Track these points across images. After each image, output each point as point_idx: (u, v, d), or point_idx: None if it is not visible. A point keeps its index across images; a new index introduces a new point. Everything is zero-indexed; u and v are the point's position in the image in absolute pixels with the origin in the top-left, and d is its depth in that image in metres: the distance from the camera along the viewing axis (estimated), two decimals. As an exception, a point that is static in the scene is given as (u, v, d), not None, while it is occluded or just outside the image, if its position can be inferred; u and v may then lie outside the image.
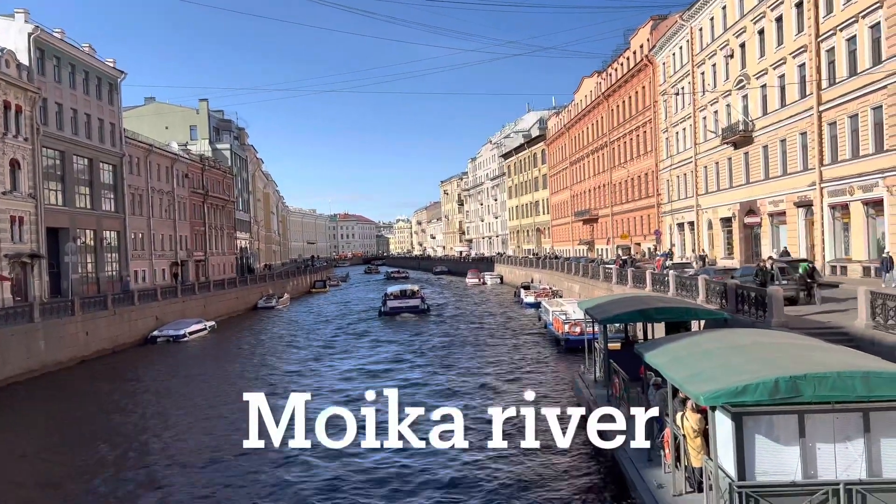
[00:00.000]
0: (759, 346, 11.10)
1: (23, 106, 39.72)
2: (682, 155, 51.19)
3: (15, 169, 39.02)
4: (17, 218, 38.88)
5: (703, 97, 46.53)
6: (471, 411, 21.40)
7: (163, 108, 78.23)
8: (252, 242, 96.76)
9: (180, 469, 16.97)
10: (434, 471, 15.95)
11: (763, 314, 18.80)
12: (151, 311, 42.93)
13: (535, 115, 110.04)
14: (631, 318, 18.97)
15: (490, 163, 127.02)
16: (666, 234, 54.79)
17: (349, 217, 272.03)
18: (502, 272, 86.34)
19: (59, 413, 24.35)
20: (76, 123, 46.27)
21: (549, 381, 25.84)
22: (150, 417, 23.26)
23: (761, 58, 38.51)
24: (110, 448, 19.26)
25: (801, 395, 8.61)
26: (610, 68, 67.98)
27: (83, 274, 46.67)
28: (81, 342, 34.68)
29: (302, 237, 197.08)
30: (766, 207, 38.84)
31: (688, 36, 48.86)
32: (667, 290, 28.06)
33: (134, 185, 54.67)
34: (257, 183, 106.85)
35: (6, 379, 28.20)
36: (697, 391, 9.06)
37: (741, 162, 41.66)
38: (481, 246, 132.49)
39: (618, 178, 65.83)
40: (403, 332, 42.92)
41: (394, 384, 26.39)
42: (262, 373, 30.85)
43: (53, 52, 43.91)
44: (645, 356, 12.31)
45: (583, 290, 45.37)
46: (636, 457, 13.13)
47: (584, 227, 76.31)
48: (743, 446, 8.86)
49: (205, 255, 70.52)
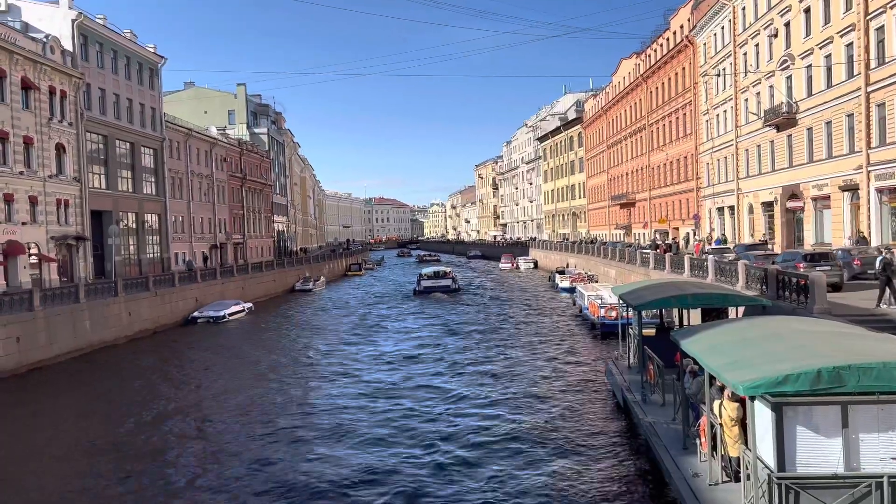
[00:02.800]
0: (801, 333, 10.84)
1: (67, 91, 40.64)
2: (722, 138, 50.10)
3: (60, 153, 40.03)
4: (63, 201, 39.94)
5: (745, 78, 45.36)
6: (506, 395, 21.51)
7: (202, 93, 79.25)
8: (289, 226, 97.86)
9: (219, 448, 17.35)
10: (466, 453, 16.03)
11: (805, 301, 18.38)
12: (191, 293, 43.81)
13: (572, 98, 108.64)
14: (666, 304, 18.68)
15: (525, 146, 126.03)
16: (705, 218, 53.81)
17: (384, 201, 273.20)
18: (537, 257, 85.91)
19: (105, 390, 25.09)
20: (118, 108, 47.20)
21: (584, 365, 25.71)
22: (190, 395, 23.82)
23: (807, 37, 37.34)
24: (151, 423, 19.79)
25: (845, 386, 8.39)
26: (649, 49, 66.68)
27: (126, 256, 47.82)
28: (125, 322, 35.60)
29: (338, 221, 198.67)
30: (809, 192, 37.84)
31: (730, 15, 47.60)
32: (706, 276, 27.62)
33: (174, 168, 55.65)
34: (294, 167, 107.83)
35: (55, 357, 29.15)
36: (736, 380, 8.89)
37: (784, 145, 40.60)
38: (516, 230, 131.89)
39: (656, 161, 64.77)
40: (438, 314, 43.13)
41: (431, 367, 26.67)
42: (302, 354, 31.30)
43: (96, 38, 44.76)
44: (681, 343, 12.14)
45: (619, 276, 44.90)
46: (671, 444, 13.02)
47: (620, 211, 75.39)
48: (783, 437, 8.68)
49: (243, 238, 71.61)
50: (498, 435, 17.36)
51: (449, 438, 17.29)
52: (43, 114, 38.25)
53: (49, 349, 29.01)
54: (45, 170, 38.19)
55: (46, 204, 38.14)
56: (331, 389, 23.55)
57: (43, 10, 41.91)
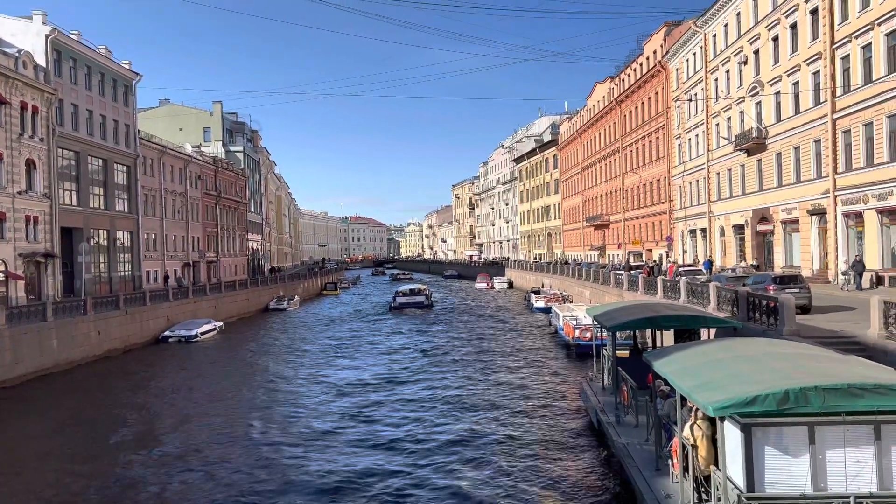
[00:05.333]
0: (769, 355, 11.00)
1: (39, 107, 40.12)
2: (694, 161, 50.96)
3: (31, 169, 39.41)
4: (32, 217, 39.25)
5: (717, 104, 46.32)
6: (476, 417, 21.44)
7: (177, 110, 78.72)
8: (264, 244, 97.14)
9: (190, 465, 17.04)
10: (436, 477, 15.93)
11: (775, 322, 18.66)
12: (163, 312, 43.19)
13: (548, 120, 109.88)
14: (639, 326, 18.86)
15: (502, 167, 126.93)
16: (678, 240, 54.53)
17: (360, 220, 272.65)
18: (513, 277, 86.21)
19: (71, 410, 24.51)
20: (91, 124, 46.69)
21: (559, 386, 25.75)
22: (161, 415, 23.37)
23: (775, 65, 38.31)
24: (120, 444, 19.37)
25: (811, 406, 8.52)
26: (623, 74, 67.82)
27: (96, 274, 47.05)
28: (94, 341, 34.94)
29: (314, 239, 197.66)
30: (779, 215, 38.59)
31: (701, 42, 48.68)
32: (678, 297, 27.93)
33: (147, 185, 55.06)
34: (270, 185, 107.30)
35: (20, 377, 28.47)
36: (706, 401, 8.99)
37: (754, 169, 41.42)
38: (492, 250, 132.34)
39: (630, 183, 65.61)
40: (412, 333, 42.97)
41: (404, 388, 26.49)
42: (272, 372, 30.93)
43: (70, 53, 44.35)
44: (653, 364, 12.24)
45: (594, 296, 45.20)
46: (644, 465, 13.07)
47: (595, 232, 76.09)
48: (752, 457, 8.77)
49: (217, 257, 70.88)
50: (469, 456, 17.28)
51: (419, 459, 17.17)
52: (14, 129, 37.68)
53: (14, 369, 28.32)
54: (15, 186, 37.54)
55: (15, 220, 37.43)
56: (304, 410, 23.28)
57: (16, 25, 41.45)
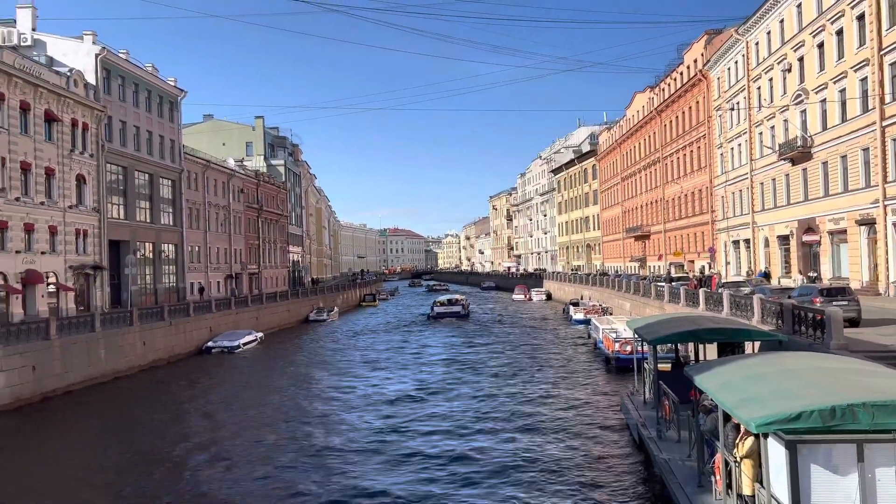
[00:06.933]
0: (816, 370, 10.71)
1: (89, 123, 41.48)
2: (737, 171, 50.08)
3: (81, 184, 40.72)
4: (82, 231, 40.49)
5: (760, 112, 45.48)
6: (514, 430, 21.29)
7: (220, 125, 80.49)
8: (304, 256, 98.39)
9: (235, 474, 17.28)
10: (475, 490, 15.86)
11: (822, 336, 18.15)
12: (206, 323, 44.01)
13: (587, 131, 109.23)
14: (681, 339, 18.53)
15: (540, 178, 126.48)
16: (720, 251, 53.55)
17: (398, 232, 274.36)
18: (551, 288, 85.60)
19: (119, 419, 25.12)
20: (138, 140, 48.05)
21: (598, 400, 25.43)
22: (205, 426, 23.77)
23: (821, 72, 37.49)
24: (159, 459, 19.75)
25: (860, 423, 8.26)
26: (663, 83, 67.12)
27: (142, 285, 48.24)
28: (139, 352, 35.77)
29: (352, 251, 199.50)
30: (825, 225, 37.62)
31: (743, 50, 47.93)
32: (721, 310, 27.38)
33: (191, 199, 56.34)
34: (310, 198, 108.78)
35: (69, 386, 29.27)
36: (749, 416, 8.79)
37: (799, 178, 40.50)
38: (530, 261, 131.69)
39: (671, 194, 64.73)
40: (450, 346, 42.93)
41: (443, 400, 26.46)
42: (314, 383, 31.23)
43: (119, 71, 45.78)
44: (695, 379, 12.01)
45: (634, 308, 44.61)
46: (686, 482, 12.83)
47: (635, 243, 75.18)
48: (797, 475, 8.53)
49: (258, 268, 72.04)
50: (507, 469, 17.17)
51: (462, 472, 17.13)
52: (65, 145, 39.01)
53: (64, 378, 29.15)
54: (66, 200, 38.81)
55: (66, 234, 38.67)
56: (345, 423, 23.43)
57: (67, 45, 43.00)
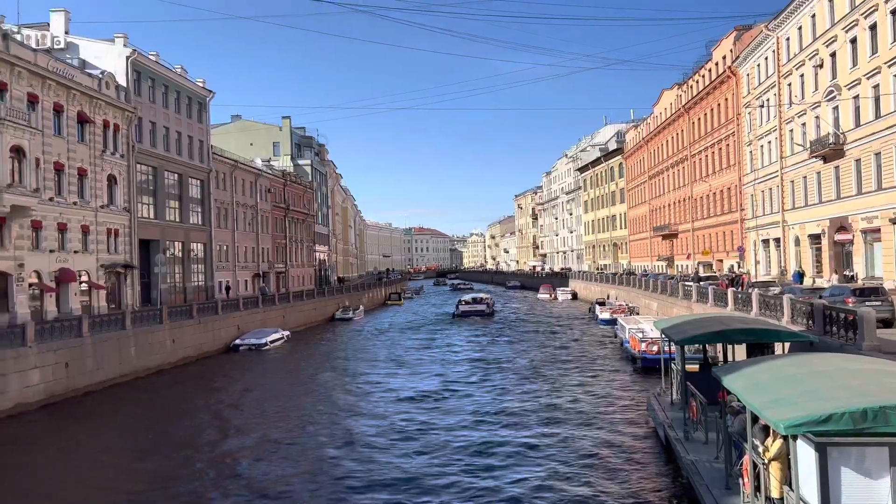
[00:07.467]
0: (847, 371, 10.52)
1: (120, 124, 42.19)
2: (767, 169, 49.30)
3: (112, 184, 41.44)
4: (113, 230, 41.21)
5: (790, 109, 44.71)
6: (539, 430, 21.22)
7: (248, 126, 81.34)
8: (330, 255, 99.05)
9: (272, 464, 17.48)
10: (501, 489, 15.84)
11: (854, 337, 17.82)
12: (234, 321, 44.52)
13: (613, 129, 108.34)
14: (709, 340, 18.33)
15: (565, 177, 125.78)
16: (750, 250, 52.78)
17: (423, 231, 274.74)
18: (576, 287, 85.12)
19: (148, 415, 25.54)
20: (168, 140, 48.76)
21: (624, 400, 25.24)
22: (234, 421, 24.05)
23: (853, 67, 36.74)
24: (195, 450, 20.05)
25: (893, 426, 8.10)
26: (691, 80, 66.32)
27: (171, 284, 48.93)
28: (168, 349, 36.30)
29: (378, 250, 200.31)
30: (858, 224, 36.87)
31: (774, 46, 47.15)
32: (749, 310, 27.01)
33: (220, 199, 57.01)
34: (336, 197, 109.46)
35: (101, 383, 29.82)
36: (777, 418, 8.66)
37: (831, 176, 39.74)
38: (555, 261, 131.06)
39: (699, 192, 63.96)
40: (476, 346, 42.92)
41: (469, 398, 26.48)
42: (340, 381, 31.41)
43: (149, 73, 46.49)
44: (723, 380, 11.87)
45: (661, 308, 44.18)
46: (713, 484, 12.69)
47: (663, 242, 74.40)
48: (827, 478, 8.39)
49: (285, 267, 72.69)
50: (533, 469, 17.13)
51: (489, 464, 17.18)
52: (97, 146, 39.73)
53: (95, 375, 29.69)
54: (97, 200, 39.53)
55: (97, 233, 39.39)
56: (372, 419, 23.54)
57: (99, 48, 43.77)
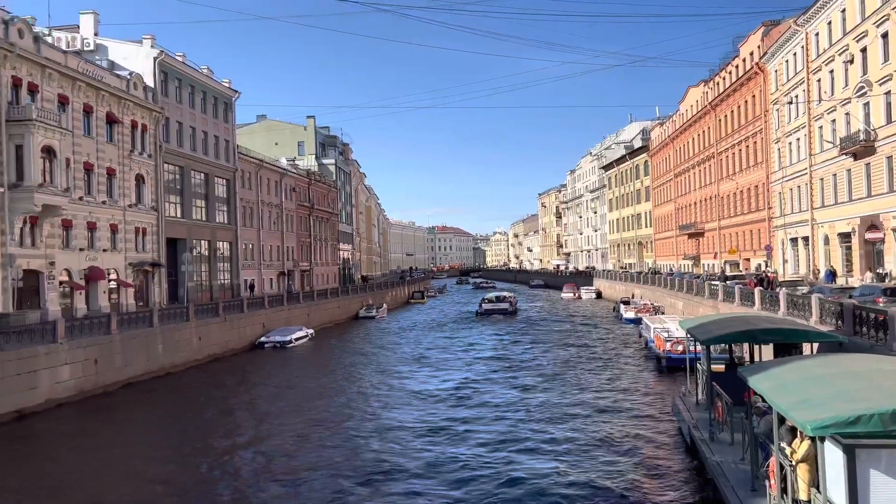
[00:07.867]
0: (877, 372, 10.30)
1: (147, 125, 42.81)
2: (795, 166, 48.52)
3: (140, 183, 42.07)
4: (141, 229, 41.84)
5: (819, 106, 43.96)
6: (563, 430, 21.12)
7: (273, 125, 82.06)
8: (354, 254, 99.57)
9: (299, 457, 17.64)
10: (525, 490, 15.80)
11: (884, 337, 17.46)
12: (259, 319, 44.95)
13: (638, 126, 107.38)
14: (735, 340, 18.09)
15: (590, 175, 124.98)
16: (777, 249, 52.00)
17: (447, 230, 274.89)
18: (601, 286, 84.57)
19: (179, 410, 25.92)
20: (194, 140, 49.37)
21: (649, 400, 25.03)
22: (260, 416, 24.29)
23: (885, 63, 36.00)
24: (225, 442, 20.28)
25: (924, 429, 7.92)
26: (717, 77, 65.50)
27: (198, 282, 49.55)
28: (195, 347, 36.76)
29: (401, 249, 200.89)
30: (889, 222, 36.15)
31: (802, 42, 46.39)
32: (777, 310, 26.61)
33: (245, 198, 57.60)
34: (360, 196, 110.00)
35: (129, 379, 30.32)
36: (804, 419, 8.51)
37: (862, 173, 39.01)
38: (579, 259, 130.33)
39: (725, 190, 63.15)
40: (499, 344, 42.85)
41: (492, 397, 26.45)
42: (363, 379, 31.58)
43: (175, 74, 47.10)
44: (749, 380, 11.70)
45: (686, 308, 43.72)
46: (738, 485, 12.53)
47: (689, 241, 73.60)
48: (856, 481, 8.24)
49: (310, 266, 73.22)
50: (557, 470, 17.05)
51: (512, 472, 17.10)
52: (125, 146, 40.35)
53: (123, 371, 30.20)
54: (126, 199, 40.16)
55: (126, 232, 40.02)
56: (396, 418, 23.61)
57: (127, 49, 44.46)
